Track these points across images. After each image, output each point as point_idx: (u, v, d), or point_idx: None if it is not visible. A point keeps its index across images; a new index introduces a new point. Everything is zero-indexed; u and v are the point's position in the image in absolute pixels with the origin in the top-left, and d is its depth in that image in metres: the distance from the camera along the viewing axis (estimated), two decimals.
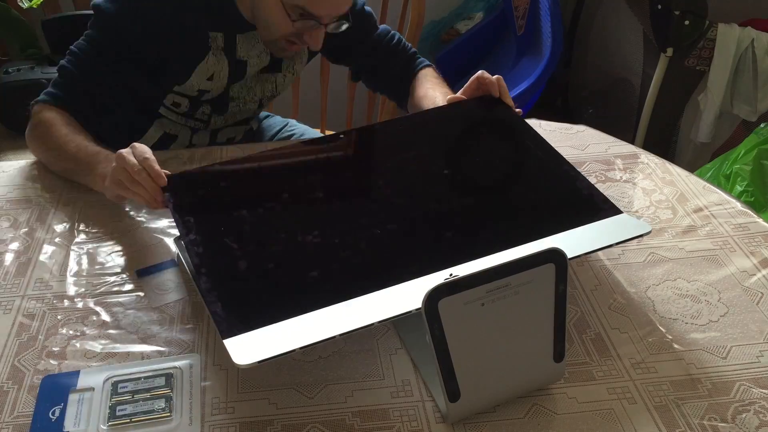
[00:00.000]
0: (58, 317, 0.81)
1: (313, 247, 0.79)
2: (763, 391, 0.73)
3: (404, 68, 1.25)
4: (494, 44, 2.42)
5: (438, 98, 1.12)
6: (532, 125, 1.02)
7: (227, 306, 0.72)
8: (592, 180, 0.91)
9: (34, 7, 1.74)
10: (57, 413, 0.70)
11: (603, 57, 2.37)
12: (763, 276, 0.88)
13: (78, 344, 0.78)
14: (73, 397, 0.71)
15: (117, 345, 0.78)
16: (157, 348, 0.78)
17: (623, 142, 1.17)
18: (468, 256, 0.78)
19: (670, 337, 0.79)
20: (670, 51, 1.94)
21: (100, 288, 0.86)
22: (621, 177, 1.08)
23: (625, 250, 0.92)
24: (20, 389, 0.73)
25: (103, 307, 0.83)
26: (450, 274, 0.75)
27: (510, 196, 0.92)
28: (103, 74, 1.07)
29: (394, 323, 0.80)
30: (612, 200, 0.88)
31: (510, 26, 2.34)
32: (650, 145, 2.12)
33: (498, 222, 0.86)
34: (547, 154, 0.95)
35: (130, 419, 0.69)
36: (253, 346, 0.67)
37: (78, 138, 1.01)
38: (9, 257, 0.91)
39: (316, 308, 0.72)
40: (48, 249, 0.92)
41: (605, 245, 0.80)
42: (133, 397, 0.71)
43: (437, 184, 0.92)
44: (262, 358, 0.64)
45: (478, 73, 1.04)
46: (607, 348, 0.78)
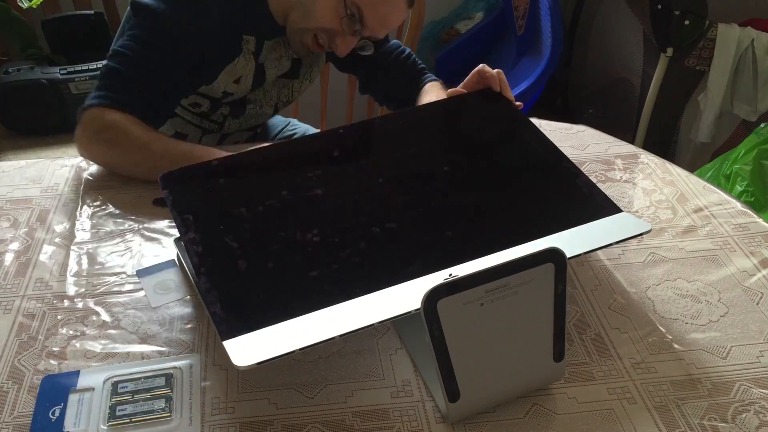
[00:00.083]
0: (58, 317, 0.81)
1: (312, 246, 0.79)
2: (763, 391, 0.73)
3: (411, 82, 1.25)
4: (494, 44, 2.42)
5: None
6: None
7: (227, 307, 0.72)
8: (592, 180, 0.91)
9: (34, 7, 1.74)
10: (57, 413, 0.70)
11: (603, 57, 2.37)
12: (763, 276, 0.88)
13: (78, 344, 0.78)
14: (73, 397, 0.71)
15: (117, 345, 0.78)
16: (157, 348, 0.78)
17: (623, 142, 1.17)
18: (467, 256, 0.78)
19: (670, 337, 0.79)
20: (670, 51, 1.94)
21: (100, 288, 0.86)
22: (621, 177, 1.07)
23: (625, 250, 0.92)
24: (20, 389, 0.73)
25: (103, 307, 0.83)
26: (449, 274, 0.75)
27: (510, 193, 0.92)
28: (156, 73, 1.05)
29: (394, 323, 0.80)
30: (612, 200, 0.88)
31: (510, 26, 2.34)
32: (650, 145, 2.13)
33: (498, 220, 0.86)
34: (547, 150, 0.95)
35: (130, 419, 0.69)
36: (252, 347, 0.67)
37: (157, 136, 1.01)
38: (9, 257, 0.91)
39: (315, 309, 0.72)
40: (48, 249, 0.92)
41: (605, 244, 0.80)
42: (133, 397, 0.71)
43: (436, 181, 0.92)
44: (262, 360, 0.64)
45: (478, 67, 1.03)
46: (607, 348, 0.78)
